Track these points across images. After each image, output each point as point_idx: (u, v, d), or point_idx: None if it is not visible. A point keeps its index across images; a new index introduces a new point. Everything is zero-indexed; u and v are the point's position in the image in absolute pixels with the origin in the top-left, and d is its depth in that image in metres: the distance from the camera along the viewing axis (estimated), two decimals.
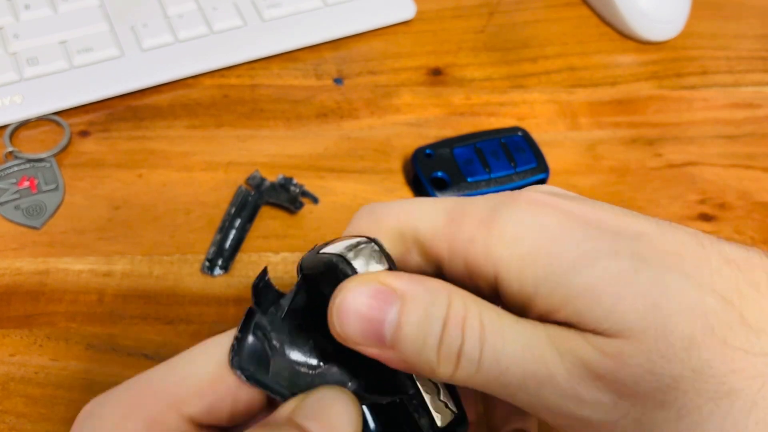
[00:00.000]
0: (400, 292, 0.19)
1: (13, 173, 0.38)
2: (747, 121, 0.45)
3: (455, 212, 0.20)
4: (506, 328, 0.19)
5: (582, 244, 0.19)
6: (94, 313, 0.34)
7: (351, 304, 0.19)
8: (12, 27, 0.42)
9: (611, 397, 0.18)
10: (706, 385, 0.18)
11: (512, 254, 0.19)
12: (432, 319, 0.19)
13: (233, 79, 0.44)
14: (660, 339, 0.18)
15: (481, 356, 0.19)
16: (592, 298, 0.18)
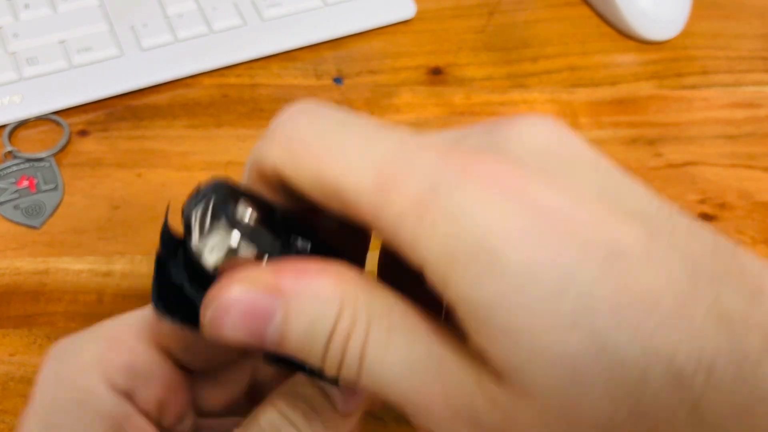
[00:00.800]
0: (280, 293, 0.17)
1: (12, 173, 0.38)
2: (748, 121, 0.45)
3: (388, 172, 0.16)
4: (391, 348, 0.17)
5: (527, 267, 0.15)
6: (94, 312, 0.34)
7: (227, 317, 0.17)
8: (11, 26, 0.42)
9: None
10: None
11: (440, 254, 0.15)
12: (318, 331, 0.17)
13: (233, 78, 0.44)
14: (565, 412, 0.15)
15: (360, 372, 0.17)
16: (509, 344, 0.15)
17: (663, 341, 0.14)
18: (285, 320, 0.17)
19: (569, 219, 0.15)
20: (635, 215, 0.16)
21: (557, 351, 0.15)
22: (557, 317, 0.15)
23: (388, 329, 0.17)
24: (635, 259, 0.15)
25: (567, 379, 0.15)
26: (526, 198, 0.15)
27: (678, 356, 0.14)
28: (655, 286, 0.15)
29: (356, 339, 0.17)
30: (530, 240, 0.15)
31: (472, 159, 0.16)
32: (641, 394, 0.15)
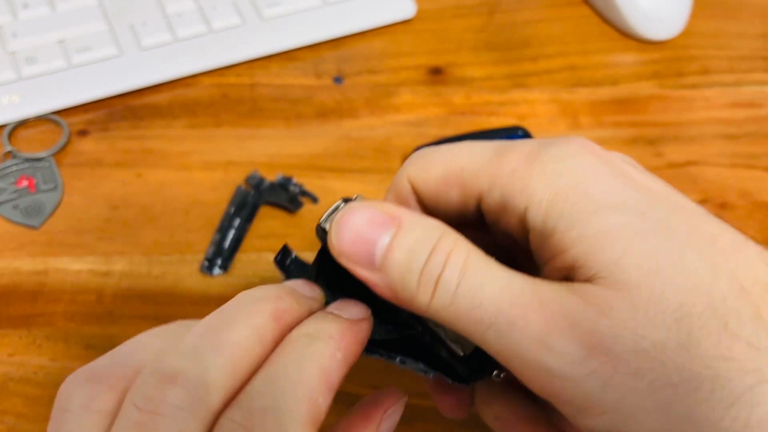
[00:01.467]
0: (397, 221, 0.20)
1: (12, 173, 0.38)
2: (748, 121, 0.45)
3: (503, 148, 0.21)
4: (490, 269, 0.19)
5: (615, 194, 0.19)
6: (93, 313, 0.34)
7: (350, 222, 0.20)
8: (10, 26, 0.42)
9: (582, 351, 0.18)
10: (689, 363, 0.17)
11: (546, 187, 0.19)
12: (421, 247, 0.19)
13: (232, 78, 0.44)
14: (652, 301, 0.17)
15: (458, 287, 0.19)
16: (603, 242, 0.18)
17: (726, 263, 0.18)
18: (395, 236, 0.19)
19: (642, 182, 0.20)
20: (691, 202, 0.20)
21: (646, 250, 0.18)
22: (644, 228, 0.18)
23: (486, 257, 0.19)
24: (696, 213, 0.19)
25: (654, 273, 0.18)
26: (608, 160, 0.20)
27: (739, 274, 0.18)
28: (714, 231, 0.19)
29: (458, 256, 0.19)
30: (614, 180, 0.20)
31: (569, 137, 0.21)
32: (712, 295, 0.17)
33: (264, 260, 0.36)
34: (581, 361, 0.18)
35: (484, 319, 0.18)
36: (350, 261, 0.20)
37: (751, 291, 0.18)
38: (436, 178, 0.21)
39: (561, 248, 0.19)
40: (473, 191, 0.21)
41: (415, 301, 0.19)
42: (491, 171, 0.20)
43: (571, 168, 0.20)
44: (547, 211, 0.19)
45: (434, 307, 0.19)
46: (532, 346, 0.18)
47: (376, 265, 0.19)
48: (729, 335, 0.17)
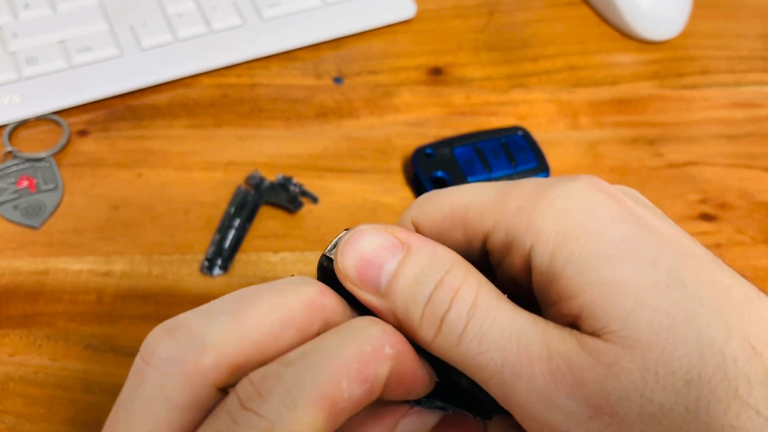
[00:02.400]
0: (406, 246, 0.19)
1: (12, 173, 0.38)
2: (748, 121, 0.45)
3: (508, 186, 0.20)
4: (501, 310, 0.18)
5: (626, 240, 0.18)
6: (93, 313, 0.34)
7: (357, 244, 0.19)
8: (11, 26, 0.42)
9: (587, 411, 0.17)
10: (695, 430, 0.16)
11: (553, 227, 0.18)
12: (427, 278, 0.18)
13: (232, 78, 0.44)
14: (662, 361, 0.17)
15: (465, 329, 0.18)
16: (614, 293, 0.17)
17: (738, 320, 0.17)
18: (401, 263, 0.19)
19: (653, 224, 0.19)
20: (697, 244, 0.19)
21: (659, 306, 0.17)
22: (657, 280, 0.17)
23: (496, 295, 0.18)
24: (707, 261, 0.18)
25: (666, 331, 0.17)
26: (618, 200, 0.19)
27: (750, 333, 0.17)
28: (726, 282, 0.18)
29: (467, 293, 0.18)
30: (624, 223, 0.18)
31: (578, 175, 0.20)
32: (724, 357, 0.17)
33: (264, 260, 0.36)
34: (586, 421, 0.17)
35: (490, 366, 0.18)
36: (355, 285, 0.19)
37: (762, 353, 0.17)
38: (441, 219, 0.20)
39: (567, 294, 0.18)
40: (478, 231, 0.20)
41: (418, 335, 0.19)
42: (496, 209, 0.19)
43: (580, 207, 0.18)
44: (554, 251, 0.18)
45: (438, 344, 0.18)
46: (536, 400, 0.17)
47: (381, 292, 0.19)
48: (738, 402, 0.16)
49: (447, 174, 0.38)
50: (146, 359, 0.17)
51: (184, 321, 0.18)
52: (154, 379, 0.17)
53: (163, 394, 0.17)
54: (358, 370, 0.17)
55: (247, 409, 0.16)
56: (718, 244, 0.39)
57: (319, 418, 0.17)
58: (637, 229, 0.18)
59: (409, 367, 0.19)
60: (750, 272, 0.38)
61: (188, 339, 0.17)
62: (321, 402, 0.17)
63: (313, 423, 0.16)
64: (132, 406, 0.17)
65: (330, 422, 0.17)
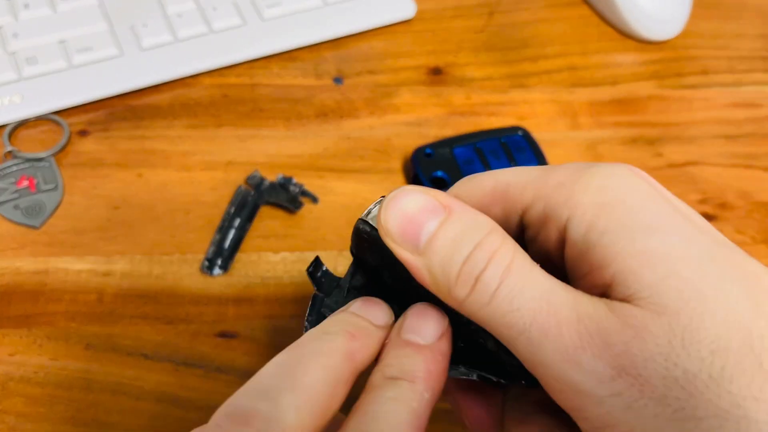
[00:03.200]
0: (448, 209, 0.20)
1: (12, 173, 0.38)
2: (748, 121, 0.45)
3: (549, 168, 0.21)
4: (534, 274, 0.19)
5: (661, 216, 0.19)
6: (94, 312, 0.34)
7: (401, 202, 0.20)
8: (11, 26, 0.42)
9: (611, 371, 0.17)
10: (717, 398, 0.17)
11: (591, 200, 0.19)
12: (466, 239, 0.19)
13: (233, 78, 0.44)
14: (690, 329, 0.17)
15: (498, 288, 0.19)
16: (648, 262, 0.18)
17: (766, 300, 0.18)
18: (442, 223, 0.19)
19: (688, 212, 0.20)
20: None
21: (690, 277, 0.18)
22: (689, 254, 0.18)
23: (530, 261, 0.19)
24: (737, 250, 0.19)
25: (695, 301, 0.17)
26: (655, 186, 0.20)
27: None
28: (756, 270, 0.18)
29: (503, 256, 0.19)
30: (659, 203, 0.19)
31: (616, 163, 0.21)
32: (750, 332, 0.17)
33: (264, 260, 0.36)
34: (609, 381, 0.18)
35: (519, 324, 0.18)
36: (395, 241, 0.20)
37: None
38: (482, 195, 0.21)
39: (601, 263, 0.19)
40: (517, 206, 0.21)
41: (452, 293, 0.19)
42: (537, 185, 0.20)
43: (617, 185, 0.19)
44: (590, 223, 0.19)
45: (470, 303, 0.19)
46: (561, 359, 0.18)
47: (420, 249, 0.19)
48: (763, 375, 0.17)
49: (447, 174, 0.38)
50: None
51: (252, 409, 0.18)
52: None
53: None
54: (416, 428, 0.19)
55: None
56: None
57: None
58: (672, 210, 0.19)
59: (441, 383, 0.20)
60: None
61: (268, 428, 0.17)
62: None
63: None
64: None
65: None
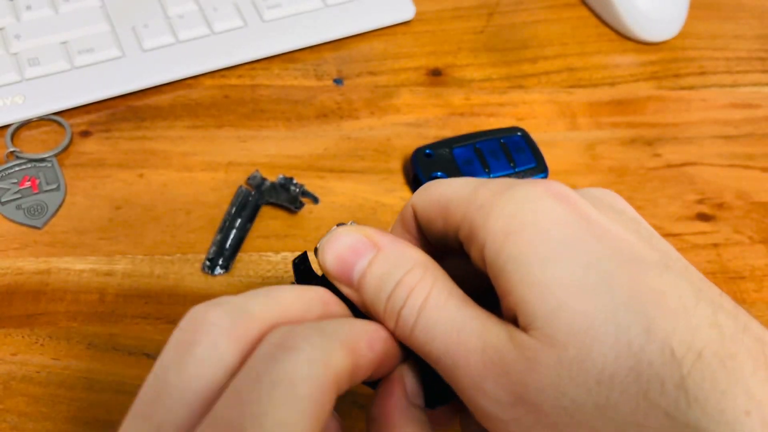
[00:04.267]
0: (378, 247, 0.21)
1: (15, 173, 0.39)
2: (745, 122, 0.45)
3: (480, 185, 0.22)
4: (447, 307, 0.20)
5: (567, 244, 0.19)
6: (96, 312, 0.34)
7: (334, 244, 0.22)
8: (13, 27, 0.42)
9: (510, 398, 0.19)
10: (602, 426, 0.18)
11: (501, 227, 0.20)
12: (390, 277, 0.21)
13: (234, 79, 0.44)
14: (577, 360, 0.18)
15: (415, 324, 0.20)
16: (541, 293, 0.19)
17: (663, 325, 0.18)
18: (371, 262, 0.21)
19: (606, 231, 0.20)
20: (659, 249, 0.20)
21: (580, 308, 0.18)
22: (584, 283, 0.19)
23: (447, 293, 0.21)
24: (653, 266, 0.19)
25: (583, 333, 0.18)
26: (574, 206, 0.20)
27: (674, 338, 0.18)
28: (663, 288, 0.18)
29: (420, 292, 0.21)
30: (568, 226, 0.19)
31: (544, 180, 0.22)
32: (639, 359, 0.18)
33: (265, 260, 0.37)
34: (508, 407, 0.19)
35: (434, 354, 0.20)
36: (335, 279, 0.22)
37: (682, 358, 0.17)
38: (430, 206, 0.23)
39: (506, 290, 0.20)
40: (453, 222, 0.22)
41: (383, 323, 0.21)
42: (466, 204, 0.21)
43: (528, 210, 0.20)
44: (499, 250, 0.20)
45: (398, 333, 0.21)
46: (470, 386, 0.20)
47: (354, 286, 0.22)
48: (647, 403, 0.17)
49: (446, 174, 0.39)
50: (196, 326, 0.19)
51: (225, 298, 0.19)
52: (206, 342, 0.18)
53: (216, 355, 0.18)
54: (368, 339, 0.20)
55: (284, 346, 0.18)
56: (715, 244, 0.40)
57: (346, 362, 0.19)
58: (580, 234, 0.19)
59: (395, 352, 0.22)
60: (747, 272, 0.39)
61: (235, 308, 0.19)
62: (348, 349, 0.19)
63: (341, 364, 0.18)
64: (184, 368, 0.18)
65: (351, 371, 0.19)
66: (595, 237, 0.19)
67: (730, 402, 0.17)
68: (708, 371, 0.17)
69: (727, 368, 0.17)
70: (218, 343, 0.18)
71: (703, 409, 0.17)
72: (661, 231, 0.40)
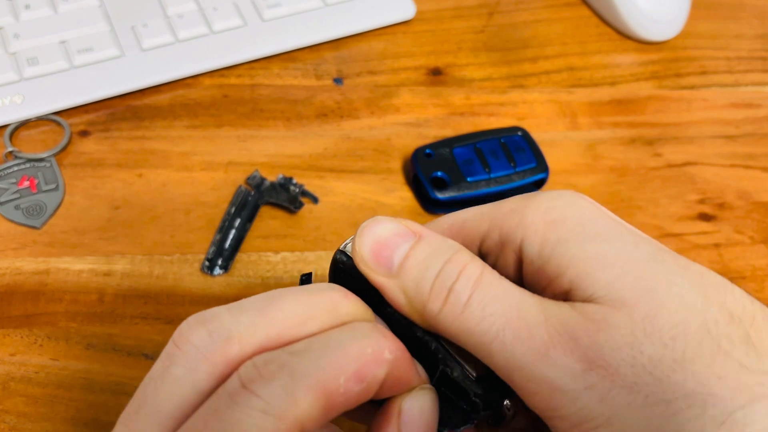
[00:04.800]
0: (418, 234, 0.21)
1: (13, 173, 0.38)
2: (746, 121, 0.45)
3: (500, 201, 0.22)
4: (502, 285, 0.20)
5: (609, 228, 0.20)
6: (95, 312, 0.34)
7: (374, 229, 0.21)
8: (12, 27, 0.42)
9: (582, 364, 0.18)
10: (683, 380, 0.18)
11: (542, 219, 0.21)
12: (436, 257, 0.20)
13: (233, 79, 0.44)
14: (649, 319, 0.18)
15: (470, 298, 0.20)
16: (599, 264, 0.19)
17: (716, 293, 0.19)
18: (413, 247, 0.21)
19: (632, 228, 0.21)
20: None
21: (641, 274, 0.19)
22: (638, 255, 0.20)
23: (499, 275, 0.20)
24: (681, 256, 0.20)
25: (651, 293, 0.19)
26: (599, 207, 0.21)
27: (728, 303, 0.19)
28: (702, 270, 0.20)
29: (473, 268, 0.20)
30: (604, 218, 0.21)
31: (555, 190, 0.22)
32: (705, 318, 0.18)
33: (264, 260, 0.36)
34: (581, 374, 0.18)
35: (491, 330, 0.19)
36: (369, 267, 0.21)
37: (741, 318, 0.19)
38: (442, 232, 0.23)
39: (557, 272, 0.20)
40: (475, 237, 0.22)
41: (426, 309, 0.20)
42: (491, 215, 0.22)
43: (563, 204, 0.21)
44: (543, 239, 0.20)
45: (444, 315, 0.20)
46: (534, 358, 0.19)
47: (393, 272, 0.21)
48: (722, 355, 0.18)
49: (446, 174, 0.39)
50: (179, 344, 0.19)
51: (217, 314, 0.19)
52: (183, 363, 0.18)
53: (191, 377, 0.18)
54: (357, 370, 0.18)
55: (247, 389, 0.17)
56: (716, 244, 0.39)
57: (315, 407, 0.17)
58: (616, 224, 0.21)
59: (405, 372, 0.20)
60: (749, 272, 0.39)
61: (218, 330, 0.19)
62: (318, 392, 0.17)
63: (308, 410, 0.17)
64: (161, 385, 0.18)
65: (323, 412, 0.18)
66: (627, 229, 0.21)
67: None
68: (765, 329, 0.19)
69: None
70: (195, 366, 0.18)
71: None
72: (662, 231, 0.40)
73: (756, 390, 0.17)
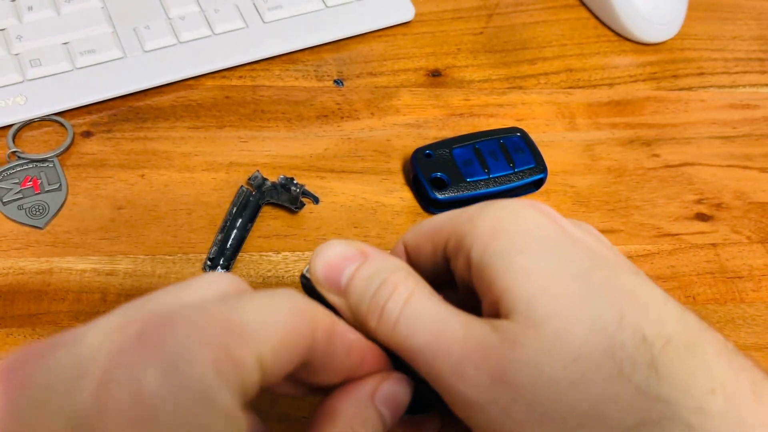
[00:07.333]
0: (364, 255, 0.23)
1: (17, 173, 0.39)
2: (744, 122, 0.46)
3: (467, 207, 0.23)
4: (430, 304, 0.22)
5: (548, 240, 0.21)
6: (98, 312, 0.34)
7: (325, 253, 0.23)
8: (15, 28, 0.43)
9: (489, 380, 0.20)
10: (577, 401, 0.19)
11: (488, 227, 0.22)
12: (375, 278, 0.22)
13: (235, 80, 0.44)
14: (555, 340, 0.19)
15: (399, 316, 0.21)
16: (522, 279, 0.20)
17: (635, 315, 0.20)
18: (358, 267, 0.23)
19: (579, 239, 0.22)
20: (629, 263, 0.23)
21: (559, 293, 0.20)
22: (564, 273, 0.20)
23: (429, 293, 0.22)
24: (624, 271, 0.21)
25: (562, 314, 0.20)
26: (552, 217, 0.22)
27: (645, 326, 0.20)
28: (635, 288, 0.21)
29: (404, 288, 0.22)
30: (548, 231, 0.22)
31: (525, 198, 0.23)
32: (613, 341, 0.19)
33: (266, 260, 0.37)
34: (486, 389, 0.20)
35: (416, 346, 0.21)
36: (323, 287, 0.23)
37: (653, 342, 0.19)
38: (420, 237, 0.25)
39: (490, 281, 0.21)
40: (441, 241, 0.24)
41: (366, 325, 0.22)
42: (453, 222, 0.23)
43: (510, 214, 0.22)
44: (484, 249, 0.21)
45: (380, 331, 0.22)
46: (450, 373, 0.20)
47: (341, 291, 0.23)
48: (621, 379, 0.19)
49: (446, 175, 0.39)
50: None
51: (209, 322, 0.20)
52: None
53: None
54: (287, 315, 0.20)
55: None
56: (714, 244, 0.40)
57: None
58: (558, 237, 0.22)
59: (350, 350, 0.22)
60: (746, 271, 0.39)
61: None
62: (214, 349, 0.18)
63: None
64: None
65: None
66: (571, 242, 0.22)
67: (697, 380, 0.19)
68: (676, 354, 0.19)
69: (694, 353, 0.19)
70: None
71: (672, 385, 0.19)
72: (659, 231, 0.40)
73: (645, 415, 0.18)
